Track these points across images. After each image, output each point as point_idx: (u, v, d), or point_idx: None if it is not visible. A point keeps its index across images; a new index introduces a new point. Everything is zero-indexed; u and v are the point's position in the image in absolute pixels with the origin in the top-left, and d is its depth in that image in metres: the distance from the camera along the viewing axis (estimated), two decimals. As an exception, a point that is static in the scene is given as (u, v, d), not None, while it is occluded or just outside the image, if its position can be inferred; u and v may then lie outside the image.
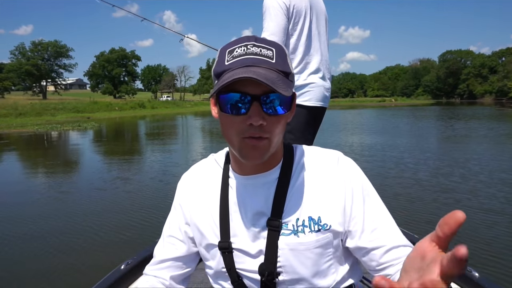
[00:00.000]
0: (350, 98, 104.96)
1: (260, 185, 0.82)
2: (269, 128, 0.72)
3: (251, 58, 0.71)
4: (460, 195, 5.82)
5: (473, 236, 4.08)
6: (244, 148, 0.73)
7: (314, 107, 2.07)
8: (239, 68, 0.70)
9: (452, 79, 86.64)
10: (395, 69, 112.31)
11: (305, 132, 2.09)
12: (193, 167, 0.96)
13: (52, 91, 61.18)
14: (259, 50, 0.72)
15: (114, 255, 3.77)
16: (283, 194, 0.81)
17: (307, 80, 2.05)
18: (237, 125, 0.72)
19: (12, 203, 5.93)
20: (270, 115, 0.72)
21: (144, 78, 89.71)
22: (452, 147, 11.50)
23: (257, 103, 0.70)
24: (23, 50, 56.55)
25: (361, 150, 10.91)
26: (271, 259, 0.79)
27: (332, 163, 0.83)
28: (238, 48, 0.73)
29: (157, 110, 43.11)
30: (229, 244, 0.82)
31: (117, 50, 68.03)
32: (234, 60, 0.72)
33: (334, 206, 0.80)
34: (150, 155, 11.42)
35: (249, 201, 0.83)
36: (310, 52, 2.07)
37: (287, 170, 0.83)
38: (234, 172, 0.85)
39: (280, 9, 1.94)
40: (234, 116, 0.72)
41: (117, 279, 1.61)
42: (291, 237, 0.79)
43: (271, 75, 0.69)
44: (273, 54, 0.73)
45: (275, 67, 0.72)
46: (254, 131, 0.71)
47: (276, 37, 1.93)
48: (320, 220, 0.79)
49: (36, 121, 24.56)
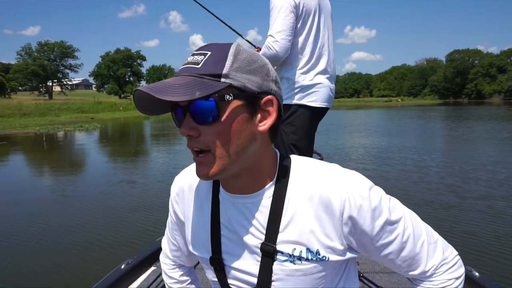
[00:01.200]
0: (356, 98, 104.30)
1: (251, 206, 0.76)
2: (204, 139, 0.67)
3: (182, 68, 0.69)
4: (496, 202, 5.45)
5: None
6: (195, 164, 0.71)
7: (319, 108, 2.04)
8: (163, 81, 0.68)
9: (460, 78, 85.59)
10: (401, 69, 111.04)
11: (309, 133, 2.07)
12: (184, 172, 0.91)
13: (58, 92, 61.49)
14: (192, 58, 0.69)
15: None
16: (278, 218, 0.74)
17: (313, 80, 2.00)
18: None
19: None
20: (204, 124, 0.67)
21: (149, 78, 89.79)
22: (474, 149, 10.93)
23: (188, 114, 0.67)
24: (29, 50, 56.86)
25: (377, 152, 10.58)
26: (264, 283, 0.76)
27: (335, 187, 0.72)
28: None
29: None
30: (220, 261, 0.80)
31: (122, 50, 68.08)
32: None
33: (335, 238, 0.73)
34: (154, 158, 11.18)
35: (240, 221, 0.77)
36: (318, 52, 2.02)
37: (280, 190, 0.74)
38: (222, 188, 0.80)
39: (289, 6, 1.88)
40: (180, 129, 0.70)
41: (118, 278, 1.61)
42: (287, 263, 0.75)
43: (179, 82, 0.64)
44: (204, 58, 0.67)
45: (197, 72, 0.66)
46: (190, 143, 0.69)
47: (283, 35, 1.88)
48: (319, 253, 0.73)
49: (39, 121, 24.56)
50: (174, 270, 1.02)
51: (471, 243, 4.01)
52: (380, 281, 1.92)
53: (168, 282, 1.03)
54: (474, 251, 3.79)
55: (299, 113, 2.02)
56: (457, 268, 0.78)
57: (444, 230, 4.19)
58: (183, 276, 1.02)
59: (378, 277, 1.98)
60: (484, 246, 3.92)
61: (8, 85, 54.25)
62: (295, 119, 2.02)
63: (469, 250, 3.80)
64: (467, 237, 4.21)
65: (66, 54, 58.19)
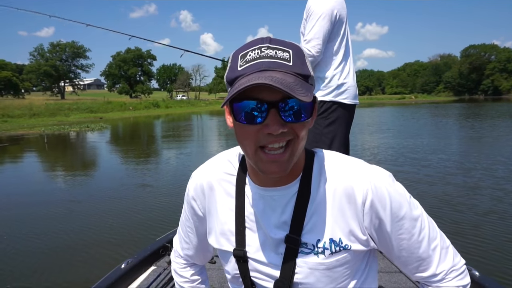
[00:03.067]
0: (368, 96, 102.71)
1: (279, 199, 0.77)
2: (289, 137, 0.68)
3: (266, 61, 0.65)
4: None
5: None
6: (261, 162, 0.69)
7: (351, 105, 2.26)
8: (253, 73, 0.64)
9: (476, 74, 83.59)
10: (414, 65, 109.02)
11: (342, 127, 2.24)
12: (204, 166, 0.89)
13: (70, 92, 62.14)
14: (274, 52, 0.66)
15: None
16: (303, 211, 0.76)
17: (344, 80, 2.21)
18: (253, 135, 0.67)
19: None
20: (290, 122, 0.66)
21: (159, 77, 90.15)
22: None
23: (275, 111, 0.65)
24: (42, 51, 57.59)
25: (409, 153, 9.82)
26: (287, 276, 0.76)
27: (358, 177, 0.75)
28: (252, 52, 0.67)
29: (171, 109, 42.91)
30: (244, 253, 0.80)
31: (133, 50, 68.35)
32: (248, 64, 0.66)
33: (357, 227, 0.75)
34: (157, 161, 10.59)
35: (267, 213, 0.78)
36: (347, 55, 2.25)
37: (306, 184, 0.77)
38: (251, 181, 0.80)
39: (328, 15, 2.07)
40: (250, 126, 0.67)
41: (118, 278, 1.62)
42: (310, 256, 0.76)
43: (288, 80, 0.63)
44: (290, 56, 0.66)
45: (292, 70, 0.65)
46: (274, 139, 0.66)
47: (320, 40, 2.07)
48: (341, 242, 0.75)
49: (48, 121, 24.56)
50: (185, 269, 1.01)
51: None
52: (380, 281, 1.89)
53: (178, 281, 1.02)
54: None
55: (333, 108, 2.21)
56: (464, 276, 0.79)
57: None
58: (194, 276, 1.01)
59: (378, 277, 1.75)
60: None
61: (21, 85, 55.10)
62: (330, 113, 2.21)
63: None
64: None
65: (77, 54, 58.74)
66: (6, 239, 4.40)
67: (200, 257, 1.00)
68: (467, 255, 3.52)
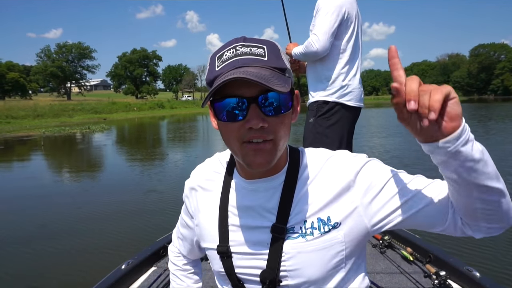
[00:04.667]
0: (375, 96, 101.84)
1: (264, 190, 0.79)
2: (271, 129, 0.69)
3: (242, 58, 0.68)
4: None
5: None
6: (247, 155, 0.70)
7: (355, 107, 2.20)
8: (230, 71, 0.67)
9: (485, 74, 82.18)
10: (421, 65, 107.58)
11: (343, 129, 2.20)
12: (199, 167, 0.93)
13: (76, 92, 62.32)
14: (249, 49, 0.69)
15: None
16: (289, 199, 0.78)
17: (350, 81, 2.16)
18: (236, 131, 0.69)
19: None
20: (271, 116, 0.68)
21: (165, 78, 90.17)
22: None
23: (255, 105, 0.67)
24: (49, 52, 57.81)
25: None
26: (273, 266, 0.77)
27: (339, 161, 0.80)
28: (227, 51, 0.70)
29: (176, 110, 42.70)
30: (227, 249, 0.80)
31: (139, 51, 68.38)
32: (224, 64, 0.69)
33: (344, 204, 0.76)
34: (168, 168, 9.91)
35: (252, 205, 0.80)
36: (354, 55, 2.18)
37: (293, 174, 0.80)
38: (239, 175, 0.82)
39: (336, 11, 2.05)
40: (233, 123, 0.69)
41: (118, 278, 1.63)
42: (298, 240, 0.76)
43: (264, 73, 0.66)
44: (265, 52, 0.69)
45: (267, 64, 0.69)
46: (255, 134, 0.68)
47: (326, 36, 2.03)
48: (330, 220, 0.76)
49: (51, 122, 24.43)
50: (178, 258, 1.07)
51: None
52: (380, 282, 1.88)
53: (171, 268, 1.08)
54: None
55: (336, 109, 2.16)
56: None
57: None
58: (187, 265, 1.06)
59: (378, 277, 1.94)
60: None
61: (29, 86, 55.43)
62: (332, 114, 2.17)
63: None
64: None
65: (83, 55, 58.88)
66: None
67: (191, 252, 1.02)
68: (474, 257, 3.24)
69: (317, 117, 2.23)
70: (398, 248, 2.17)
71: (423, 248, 2.02)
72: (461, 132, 0.57)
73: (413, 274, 1.89)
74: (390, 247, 2.21)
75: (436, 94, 0.54)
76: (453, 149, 0.57)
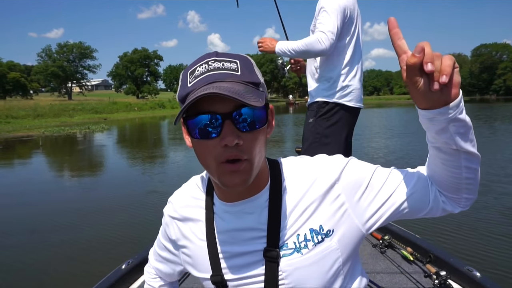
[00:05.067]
0: (376, 96, 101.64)
1: (250, 211, 0.77)
2: (246, 147, 0.67)
3: (214, 74, 0.67)
4: None
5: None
6: (223, 174, 0.68)
7: (355, 108, 2.21)
8: (203, 87, 0.65)
9: (487, 74, 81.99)
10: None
11: (343, 130, 2.20)
12: (176, 193, 0.90)
13: (77, 92, 62.34)
14: (221, 64, 0.68)
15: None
16: (277, 217, 0.75)
17: (350, 82, 2.16)
18: (211, 149, 0.67)
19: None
20: (246, 132, 0.66)
21: (166, 78, 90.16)
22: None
23: (229, 122, 0.65)
24: (49, 52, 57.82)
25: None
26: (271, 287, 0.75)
27: (321, 166, 0.79)
28: (199, 67, 0.68)
29: (177, 110, 42.41)
30: (222, 277, 0.78)
31: (140, 51, 68.28)
32: (197, 80, 0.67)
33: (333, 208, 0.76)
34: (168, 171, 9.82)
35: (240, 229, 0.77)
36: (355, 56, 2.18)
37: (276, 189, 0.77)
38: (219, 199, 0.80)
39: (340, 12, 2.03)
40: (207, 141, 0.67)
41: (118, 278, 1.62)
42: (294, 256, 0.74)
43: (237, 88, 0.64)
44: (238, 66, 0.68)
45: (241, 79, 0.67)
46: (230, 152, 0.65)
47: (333, 34, 2.00)
48: (322, 228, 0.75)
49: (52, 122, 24.38)
50: (155, 280, 1.04)
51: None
52: (380, 282, 1.88)
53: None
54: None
55: (336, 110, 2.17)
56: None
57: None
58: (163, 287, 1.04)
59: (378, 277, 1.94)
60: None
61: (30, 86, 55.47)
62: (332, 115, 2.17)
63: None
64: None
65: (84, 55, 58.85)
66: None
67: (170, 275, 0.99)
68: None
69: (317, 117, 2.22)
70: (398, 248, 2.16)
71: (423, 248, 2.00)
72: (461, 99, 0.61)
73: (413, 274, 1.88)
74: (390, 247, 2.20)
75: (448, 60, 0.57)
76: (453, 115, 0.61)
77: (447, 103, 0.60)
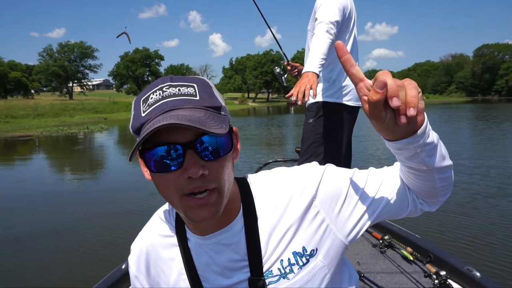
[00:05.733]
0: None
1: (227, 243, 0.72)
2: (213, 175, 0.62)
3: (170, 100, 0.61)
4: None
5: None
6: (189, 208, 0.62)
7: (354, 107, 2.23)
8: (159, 116, 0.60)
9: (489, 74, 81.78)
10: (424, 66, 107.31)
11: (346, 131, 2.23)
12: (140, 236, 0.82)
13: (78, 92, 62.46)
14: (177, 90, 0.63)
15: None
16: (257, 245, 0.71)
17: (349, 81, 2.13)
18: (173, 182, 0.61)
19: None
20: (211, 161, 0.61)
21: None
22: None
23: (192, 151, 0.60)
24: (51, 51, 57.97)
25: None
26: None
27: (295, 181, 0.75)
28: (153, 94, 0.63)
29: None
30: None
31: (141, 50, 68.46)
32: (151, 108, 0.62)
33: (314, 226, 0.73)
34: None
35: (220, 263, 0.73)
36: (352, 54, 2.07)
37: (251, 214, 0.73)
38: (192, 233, 0.74)
39: (339, 10, 1.99)
40: (168, 174, 0.61)
41: (119, 278, 1.61)
42: (280, 282, 0.72)
43: (197, 115, 0.59)
44: (196, 90, 0.63)
45: (200, 104, 0.62)
46: (196, 184, 0.60)
47: (334, 26, 1.93)
48: (305, 250, 0.72)
49: (52, 122, 24.42)
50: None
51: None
52: (380, 282, 1.89)
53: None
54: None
55: (337, 110, 2.19)
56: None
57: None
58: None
59: (379, 277, 1.94)
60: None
61: (31, 86, 55.61)
62: (332, 115, 2.18)
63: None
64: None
65: (85, 54, 58.96)
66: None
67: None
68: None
69: (317, 117, 2.22)
70: (398, 248, 2.15)
71: (423, 248, 2.00)
72: (427, 123, 0.59)
73: (413, 274, 1.87)
74: (390, 247, 2.20)
75: (413, 89, 0.53)
76: (422, 141, 0.59)
77: (415, 131, 0.58)
